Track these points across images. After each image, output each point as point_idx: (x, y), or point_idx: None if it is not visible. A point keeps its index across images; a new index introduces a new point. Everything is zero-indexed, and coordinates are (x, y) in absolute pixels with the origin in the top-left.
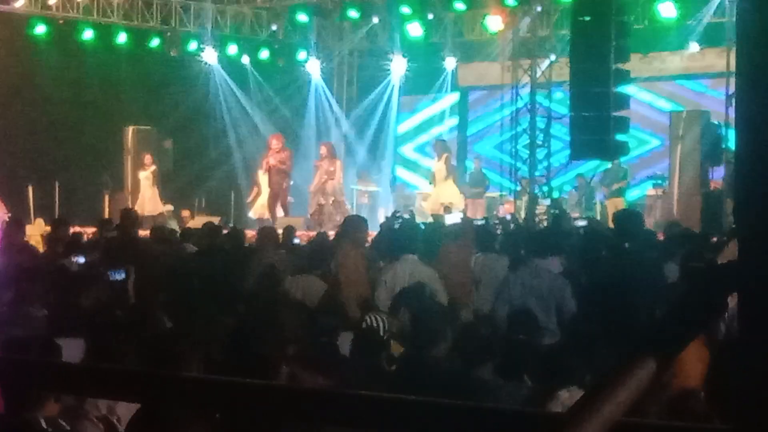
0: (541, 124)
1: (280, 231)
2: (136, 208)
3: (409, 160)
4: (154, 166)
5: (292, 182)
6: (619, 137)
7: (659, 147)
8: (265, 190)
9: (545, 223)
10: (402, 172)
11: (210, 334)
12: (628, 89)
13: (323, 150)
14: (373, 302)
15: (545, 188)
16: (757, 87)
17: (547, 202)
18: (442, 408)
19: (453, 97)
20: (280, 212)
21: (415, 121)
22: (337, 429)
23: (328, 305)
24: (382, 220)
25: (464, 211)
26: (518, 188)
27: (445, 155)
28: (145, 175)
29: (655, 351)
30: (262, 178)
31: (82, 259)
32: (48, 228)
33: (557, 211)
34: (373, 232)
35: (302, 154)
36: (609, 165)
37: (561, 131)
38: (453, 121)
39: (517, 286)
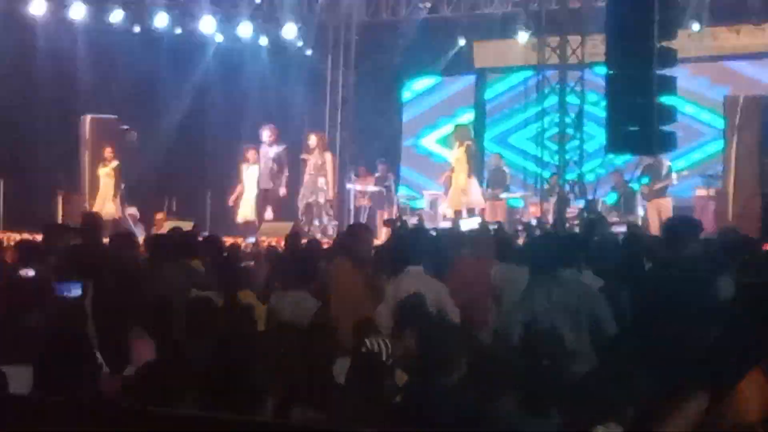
0: (571, 112)
1: (265, 237)
2: (94, 210)
3: (416, 155)
4: (116, 161)
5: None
6: (665, 128)
7: (710, 139)
8: (251, 188)
9: (577, 229)
10: (407, 170)
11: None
12: (675, 72)
13: (312, 140)
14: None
15: (577, 188)
16: None
17: (581, 203)
18: None
19: (468, 80)
20: (268, 214)
21: (423, 110)
22: None
23: (322, 326)
24: (383, 225)
25: (482, 216)
26: (545, 188)
27: (466, 143)
28: (106, 172)
29: (708, 381)
30: (247, 173)
31: (32, 272)
32: None
33: (593, 215)
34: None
35: (291, 147)
36: (649, 160)
37: (595, 120)
38: (468, 109)
39: (540, 301)
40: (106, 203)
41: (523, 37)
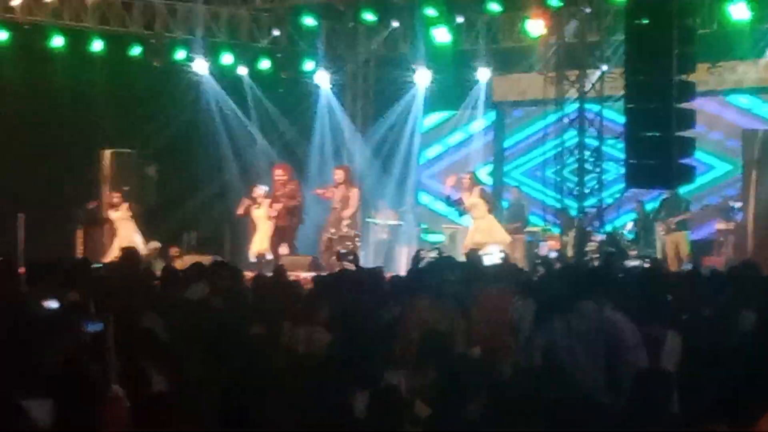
0: (591, 146)
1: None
2: (115, 246)
3: (434, 189)
4: (125, 204)
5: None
6: (684, 162)
7: (728, 174)
8: (263, 225)
9: (597, 263)
10: (427, 199)
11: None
12: (694, 105)
13: (340, 175)
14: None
15: (596, 222)
16: None
17: (601, 237)
18: None
19: (488, 118)
20: (283, 249)
21: (443, 147)
22: None
23: (339, 358)
24: (403, 259)
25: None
26: (564, 221)
27: (479, 189)
28: (119, 216)
29: (729, 415)
30: (257, 212)
31: (55, 304)
32: None
33: (613, 249)
34: (390, 273)
35: (309, 182)
36: (667, 194)
37: (614, 154)
38: (487, 140)
39: (559, 332)
40: (124, 240)
41: (541, 71)
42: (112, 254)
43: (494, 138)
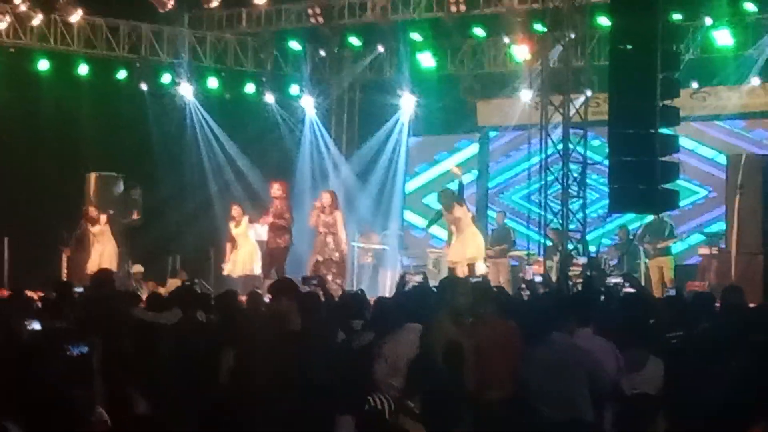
0: (575, 170)
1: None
2: (89, 267)
3: (419, 210)
4: (103, 216)
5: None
6: (667, 187)
7: (704, 198)
8: (244, 244)
9: (579, 287)
10: (411, 216)
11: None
12: (677, 130)
13: (326, 198)
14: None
15: (579, 245)
16: None
17: (583, 260)
18: None
19: (474, 148)
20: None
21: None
22: None
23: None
24: (388, 282)
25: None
26: (548, 244)
27: (454, 205)
28: (99, 229)
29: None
30: (236, 230)
31: (37, 325)
32: None
33: (594, 273)
34: (373, 296)
35: (296, 204)
36: (650, 219)
37: (598, 179)
38: (471, 166)
39: (538, 362)
40: (103, 261)
41: (526, 95)
42: (91, 269)
43: (478, 162)
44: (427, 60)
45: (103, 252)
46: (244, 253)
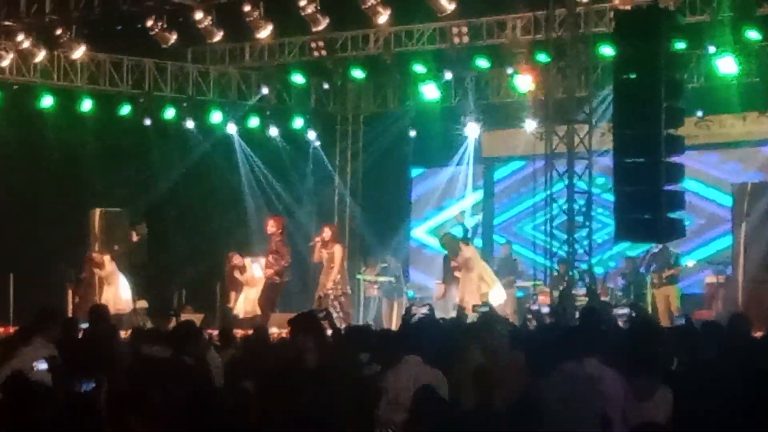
0: (580, 201)
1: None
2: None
3: (425, 243)
4: (106, 256)
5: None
6: (673, 215)
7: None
8: (251, 287)
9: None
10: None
11: None
12: (683, 158)
13: (328, 233)
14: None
15: (586, 278)
16: None
17: (583, 290)
18: None
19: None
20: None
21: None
22: None
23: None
24: (394, 316)
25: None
26: (554, 274)
27: (460, 246)
28: (104, 273)
29: None
30: (245, 275)
31: (44, 365)
32: None
33: (594, 303)
34: (379, 328)
35: (301, 238)
36: (657, 248)
37: (604, 212)
38: (477, 196)
39: (547, 394)
40: (111, 298)
41: (530, 125)
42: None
43: (484, 193)
44: (430, 91)
45: (117, 291)
46: (257, 291)
